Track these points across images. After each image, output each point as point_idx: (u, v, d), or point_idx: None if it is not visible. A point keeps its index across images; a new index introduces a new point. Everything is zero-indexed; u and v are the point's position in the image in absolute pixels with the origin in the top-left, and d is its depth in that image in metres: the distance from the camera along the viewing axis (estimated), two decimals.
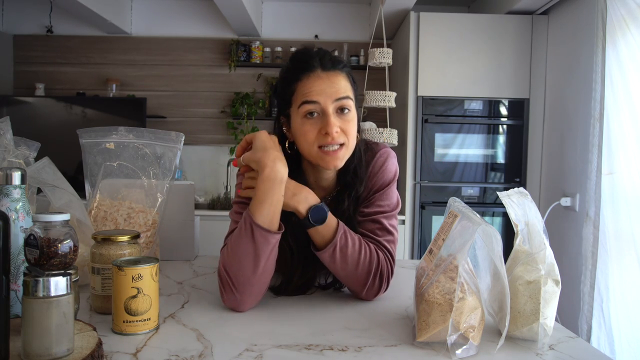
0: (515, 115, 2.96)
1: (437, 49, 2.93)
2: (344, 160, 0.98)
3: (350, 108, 0.96)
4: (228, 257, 0.91)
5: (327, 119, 0.94)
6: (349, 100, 0.96)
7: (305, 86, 0.95)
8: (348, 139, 0.96)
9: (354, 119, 0.97)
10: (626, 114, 2.09)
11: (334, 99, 0.94)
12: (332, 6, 3.74)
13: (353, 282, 0.99)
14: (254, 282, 0.91)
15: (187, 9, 3.73)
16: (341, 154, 0.96)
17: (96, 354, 0.67)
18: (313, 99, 0.94)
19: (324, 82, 0.95)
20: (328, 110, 0.94)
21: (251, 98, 3.66)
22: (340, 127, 0.95)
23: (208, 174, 3.77)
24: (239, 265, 0.90)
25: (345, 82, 0.97)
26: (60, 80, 3.73)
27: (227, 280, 0.91)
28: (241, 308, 0.92)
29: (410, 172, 2.96)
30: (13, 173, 0.81)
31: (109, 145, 1.19)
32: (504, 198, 0.85)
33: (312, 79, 0.95)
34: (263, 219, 0.89)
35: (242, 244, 0.90)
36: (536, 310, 0.78)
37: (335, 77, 0.96)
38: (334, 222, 0.95)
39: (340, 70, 0.98)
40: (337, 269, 0.97)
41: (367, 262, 0.96)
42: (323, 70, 0.96)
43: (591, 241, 2.19)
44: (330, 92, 0.94)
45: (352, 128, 0.97)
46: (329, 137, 0.93)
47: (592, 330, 2.18)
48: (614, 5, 2.13)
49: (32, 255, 0.76)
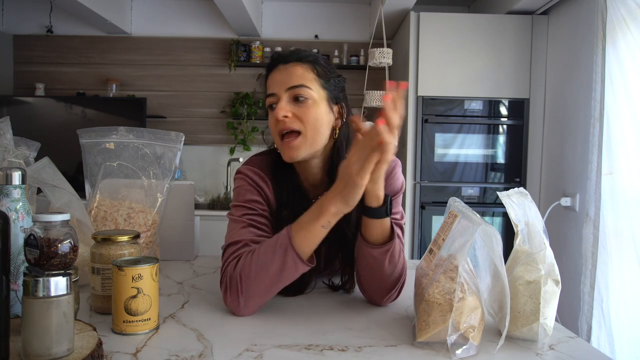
0: (515, 115, 2.96)
1: (437, 49, 2.93)
2: (303, 151, 0.95)
3: (306, 95, 0.95)
4: (250, 264, 0.88)
5: (278, 105, 0.95)
6: (303, 89, 0.95)
7: (269, 81, 0.99)
8: (305, 127, 0.94)
9: (313, 106, 0.95)
10: (626, 114, 2.09)
11: (287, 88, 0.95)
12: (332, 6, 3.74)
13: (382, 286, 0.95)
14: (265, 295, 0.90)
15: (187, 9, 3.73)
16: (296, 143, 0.94)
17: (96, 354, 0.67)
18: (270, 90, 0.97)
19: (281, 73, 0.97)
20: (281, 97, 0.96)
21: (251, 98, 3.66)
22: (294, 112, 0.94)
23: (208, 174, 3.77)
24: (258, 278, 0.88)
25: (303, 71, 0.96)
26: (60, 80, 3.73)
27: (237, 284, 0.88)
28: (242, 313, 0.90)
29: (410, 172, 2.96)
30: (13, 173, 0.81)
31: (109, 145, 1.19)
32: (504, 198, 0.85)
33: (273, 73, 0.99)
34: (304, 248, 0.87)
35: (273, 262, 0.87)
36: (536, 310, 0.78)
37: (292, 68, 0.97)
38: (389, 220, 0.91)
39: (299, 61, 0.97)
40: (377, 269, 0.92)
41: (401, 268, 0.94)
42: (283, 64, 0.98)
43: (591, 241, 2.19)
44: (284, 80, 0.96)
45: (309, 115, 0.95)
46: (279, 122, 0.94)
47: (592, 330, 2.18)
48: (614, 5, 2.13)
49: (32, 255, 0.76)
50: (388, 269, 0.92)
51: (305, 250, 0.87)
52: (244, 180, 1.03)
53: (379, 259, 0.91)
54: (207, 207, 3.49)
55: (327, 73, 1.00)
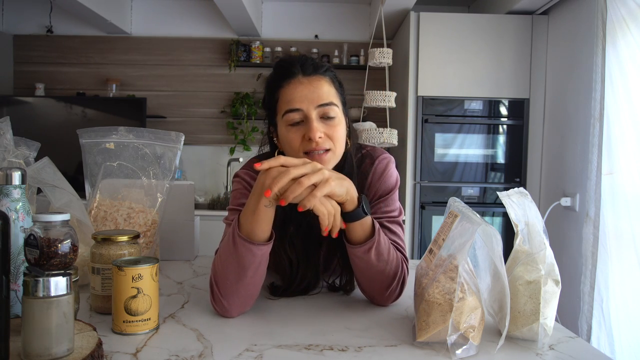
0: (515, 115, 2.96)
1: (437, 49, 2.93)
2: (331, 165, 0.95)
3: (335, 114, 0.94)
4: (217, 264, 0.89)
5: (310, 125, 0.92)
6: (333, 107, 0.94)
7: (287, 93, 0.94)
8: (334, 144, 0.94)
9: (339, 124, 0.95)
10: (626, 114, 2.09)
11: (317, 105, 0.93)
12: (332, 6, 3.74)
13: (377, 284, 0.94)
14: (241, 290, 0.88)
15: (187, 9, 3.73)
16: (327, 158, 0.94)
17: (96, 354, 0.67)
18: (295, 106, 0.93)
19: (305, 87, 0.93)
20: (311, 116, 0.92)
21: (251, 98, 3.66)
22: (325, 132, 0.93)
23: (208, 174, 3.77)
24: (225, 274, 0.87)
25: (328, 86, 0.95)
26: (60, 80, 3.73)
27: (215, 287, 0.88)
28: (229, 314, 0.89)
29: (410, 172, 2.96)
30: (13, 173, 0.81)
31: (109, 145, 1.19)
32: (504, 198, 0.84)
33: (293, 85, 0.94)
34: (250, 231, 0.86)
35: (229, 253, 0.87)
36: (536, 310, 0.78)
37: (317, 82, 0.94)
38: (370, 217, 0.91)
39: (322, 74, 0.96)
40: (365, 268, 0.92)
41: (394, 264, 0.93)
42: (304, 76, 0.94)
43: (591, 241, 2.19)
44: (312, 97, 0.93)
45: (338, 133, 0.95)
46: (313, 142, 0.92)
47: (592, 330, 2.18)
48: (614, 5, 2.13)
49: (32, 255, 0.76)
50: (378, 265, 0.91)
51: (256, 232, 0.84)
52: (240, 183, 1.03)
53: (364, 258, 0.91)
54: (207, 207, 3.49)
55: (340, 84, 1.00)
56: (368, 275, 0.94)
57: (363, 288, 0.99)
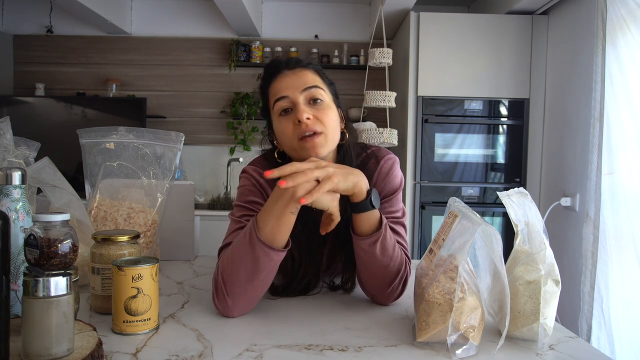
0: (515, 115, 2.96)
1: (437, 49, 2.93)
2: (325, 149, 0.95)
3: (321, 97, 0.97)
4: (227, 263, 0.88)
5: (297, 107, 0.95)
6: (318, 90, 0.97)
7: (274, 87, 0.99)
8: (325, 128, 0.95)
9: (328, 108, 0.97)
10: (626, 114, 2.09)
11: (302, 89, 0.96)
12: (332, 6, 3.74)
13: (380, 280, 0.94)
14: (251, 292, 0.88)
15: (187, 9, 3.73)
16: (319, 141, 0.94)
17: (96, 354, 0.67)
18: (282, 94, 0.97)
19: (289, 77, 0.98)
20: (297, 100, 0.96)
21: (251, 98, 3.66)
22: (314, 114, 0.95)
23: (208, 174, 3.77)
24: (236, 275, 0.87)
25: (312, 75, 0.99)
26: (60, 80, 3.73)
27: (221, 286, 0.88)
28: (231, 314, 0.89)
29: (410, 172, 2.96)
30: (13, 173, 0.81)
31: (109, 145, 1.19)
32: (504, 198, 0.84)
33: (279, 78, 0.99)
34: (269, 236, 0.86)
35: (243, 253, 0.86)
36: (536, 310, 0.78)
37: (301, 72, 0.99)
38: (378, 211, 0.91)
39: (305, 67, 1.00)
40: (369, 262, 0.92)
41: (398, 260, 0.93)
42: (289, 69, 1.00)
43: (591, 241, 2.19)
44: (297, 84, 0.97)
45: (328, 117, 0.96)
46: (303, 124, 0.93)
47: (592, 330, 2.18)
48: (614, 5, 2.13)
49: (32, 255, 0.76)
50: (382, 260, 0.91)
51: (277, 238, 0.85)
52: (248, 180, 1.04)
53: (369, 251, 0.91)
54: (207, 207, 3.49)
55: (328, 79, 1.03)
56: (371, 270, 0.94)
57: (365, 285, 0.99)
